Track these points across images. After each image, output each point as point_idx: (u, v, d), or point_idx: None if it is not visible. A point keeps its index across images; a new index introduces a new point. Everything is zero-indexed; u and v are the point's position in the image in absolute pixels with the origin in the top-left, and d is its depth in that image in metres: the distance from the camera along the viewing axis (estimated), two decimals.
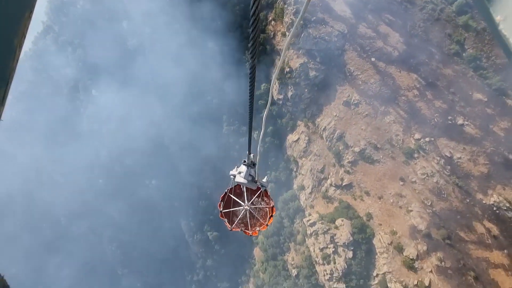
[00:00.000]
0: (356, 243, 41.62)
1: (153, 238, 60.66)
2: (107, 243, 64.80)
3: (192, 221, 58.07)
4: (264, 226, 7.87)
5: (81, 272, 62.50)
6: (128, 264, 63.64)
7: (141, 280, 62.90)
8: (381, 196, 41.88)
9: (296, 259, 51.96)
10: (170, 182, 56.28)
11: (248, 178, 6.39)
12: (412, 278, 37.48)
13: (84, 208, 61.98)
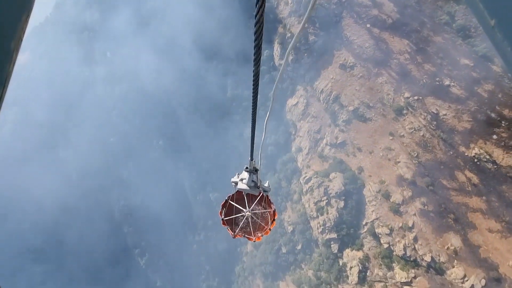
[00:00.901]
0: (347, 193, 44.86)
1: (158, 199, 64.16)
2: (114, 201, 68.47)
3: (195, 182, 61.62)
4: (267, 231, 7.75)
5: (89, 228, 66.16)
6: (133, 223, 67.20)
7: (145, 239, 66.46)
8: (372, 151, 45.14)
9: (292, 217, 55.25)
10: (176, 143, 59.68)
11: (250, 184, 6.39)
12: (397, 221, 40.72)
13: (95, 166, 65.77)
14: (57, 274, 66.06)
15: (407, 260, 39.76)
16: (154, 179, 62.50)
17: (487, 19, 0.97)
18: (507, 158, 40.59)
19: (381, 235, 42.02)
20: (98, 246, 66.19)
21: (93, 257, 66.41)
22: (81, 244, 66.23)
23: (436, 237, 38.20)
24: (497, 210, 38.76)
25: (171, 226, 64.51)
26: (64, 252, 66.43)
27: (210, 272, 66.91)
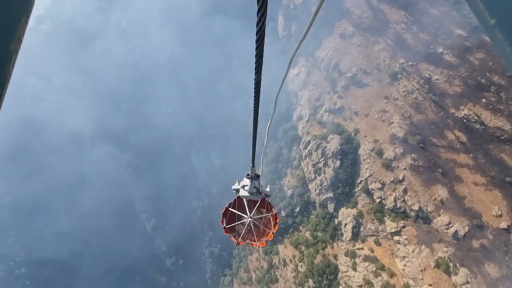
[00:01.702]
0: (343, 152, 47.73)
1: (165, 166, 67.59)
2: (124, 167, 72.10)
3: (201, 150, 64.83)
4: (270, 235, 7.65)
5: (100, 192, 69.81)
6: (141, 188, 70.72)
7: (151, 205, 69.91)
8: (367, 114, 47.96)
9: (291, 181, 58.27)
10: (184, 112, 63.00)
11: (253, 191, 6.36)
12: (389, 176, 43.52)
13: (106, 133, 69.37)
14: (70, 236, 70.02)
15: (397, 212, 42.53)
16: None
17: (488, 19, 0.99)
18: (494, 119, 43.12)
19: (374, 191, 44.82)
20: (107, 210, 69.88)
21: (102, 221, 70.15)
22: (92, 207, 70.00)
23: (424, 189, 40.88)
24: (483, 166, 41.34)
25: (177, 192, 67.95)
26: (75, 214, 70.26)
27: (213, 238, 70.24)
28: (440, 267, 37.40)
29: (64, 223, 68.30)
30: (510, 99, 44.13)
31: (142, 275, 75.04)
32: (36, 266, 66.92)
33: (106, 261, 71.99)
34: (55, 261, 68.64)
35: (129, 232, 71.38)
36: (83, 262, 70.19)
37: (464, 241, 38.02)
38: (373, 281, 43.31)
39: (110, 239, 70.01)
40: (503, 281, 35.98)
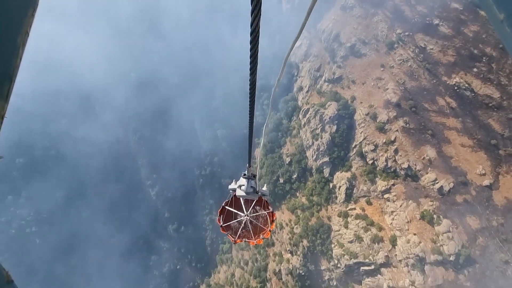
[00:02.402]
0: (340, 117, 50.29)
1: (169, 135, 70.48)
2: (131, 133, 75.18)
3: (205, 118, 67.59)
4: (267, 232, 7.75)
5: (107, 158, 73.05)
6: (147, 155, 73.81)
7: (156, 173, 73.07)
8: (364, 82, 50.38)
9: (290, 149, 61.01)
10: (189, 80, 65.50)
11: (249, 190, 6.46)
12: (381, 138, 46.10)
13: (115, 98, 72.44)
14: (77, 201, 73.56)
15: (388, 172, 45.18)
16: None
17: (496, 13, 0.98)
18: (484, 88, 45.48)
19: (367, 153, 47.46)
20: (114, 176, 73.09)
21: (107, 187, 73.48)
22: (98, 173, 73.32)
23: (414, 149, 43.47)
24: (470, 129, 43.82)
25: (181, 161, 70.99)
26: (81, 178, 73.63)
27: (214, 206, 73.42)
28: (425, 219, 40.17)
29: (71, 187, 71.70)
30: (501, 70, 46.44)
31: (145, 240, 78.66)
32: (45, 226, 70.62)
33: (110, 226, 75.58)
34: (63, 223, 72.30)
35: (133, 198, 74.77)
36: (89, 227, 73.80)
37: (448, 196, 40.68)
38: (363, 236, 46.24)
39: (115, 205, 73.40)
40: (482, 232, 38.78)
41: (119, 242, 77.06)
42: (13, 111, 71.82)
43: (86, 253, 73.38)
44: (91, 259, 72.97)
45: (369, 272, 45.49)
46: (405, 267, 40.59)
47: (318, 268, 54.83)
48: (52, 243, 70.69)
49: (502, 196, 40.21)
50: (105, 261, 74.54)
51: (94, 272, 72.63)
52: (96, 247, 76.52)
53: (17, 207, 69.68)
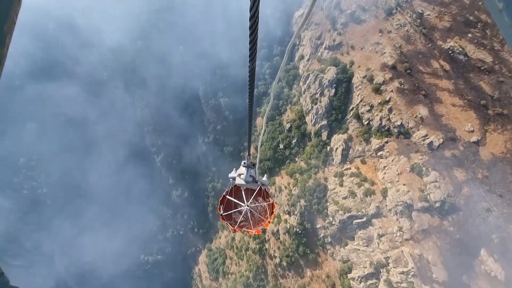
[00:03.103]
0: (338, 81, 52.52)
1: (175, 103, 73.06)
2: (138, 101, 77.87)
3: (209, 87, 69.94)
4: (266, 223, 7.81)
5: (115, 125, 75.97)
6: (153, 122, 76.61)
7: (161, 139, 75.90)
8: (363, 47, 52.38)
9: (290, 116, 63.49)
10: (195, 49, 67.57)
11: (249, 179, 6.42)
12: (377, 99, 48.41)
13: (121, 68, 74.83)
14: (84, 165, 76.86)
15: (382, 130, 47.65)
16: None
17: (495, 3, 0.97)
18: (477, 52, 47.46)
19: (363, 114, 49.85)
20: (121, 142, 76.07)
21: (114, 154, 76.57)
22: (106, 140, 76.39)
23: (407, 108, 45.81)
24: (462, 91, 46.02)
25: (185, 128, 73.77)
26: (89, 144, 76.88)
27: (216, 173, 76.51)
28: (414, 171, 42.84)
29: (79, 152, 74.85)
30: (495, 36, 48.32)
31: (150, 206, 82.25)
32: (55, 188, 74.07)
33: (116, 191, 79.08)
34: (71, 185, 75.80)
35: (139, 165, 77.97)
36: (95, 189, 77.29)
37: (437, 151, 43.20)
38: (356, 191, 49.12)
39: (121, 170, 76.64)
40: (468, 183, 41.41)
41: (123, 206, 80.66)
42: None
43: (90, 212, 77.37)
44: (95, 218, 76.93)
45: (361, 224, 48.52)
46: (394, 216, 43.51)
47: (314, 227, 58.01)
48: (61, 205, 74.46)
49: (488, 152, 42.69)
50: (109, 221, 78.45)
51: (100, 229, 76.68)
52: (101, 208, 79.99)
53: (28, 169, 73.17)
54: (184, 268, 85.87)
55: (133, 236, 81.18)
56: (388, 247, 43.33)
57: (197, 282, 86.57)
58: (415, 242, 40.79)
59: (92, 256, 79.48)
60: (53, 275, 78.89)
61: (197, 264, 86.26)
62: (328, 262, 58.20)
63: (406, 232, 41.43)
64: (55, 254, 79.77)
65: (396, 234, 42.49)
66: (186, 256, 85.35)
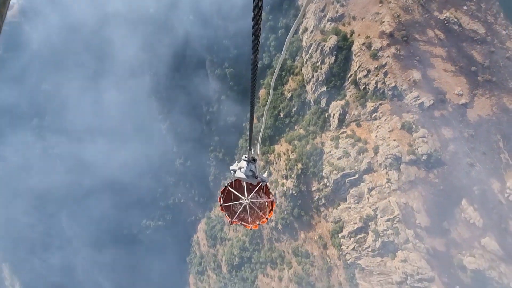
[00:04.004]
0: (339, 48, 55.31)
1: (182, 73, 76.19)
2: (147, 69, 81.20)
3: (215, 57, 72.95)
4: (264, 219, 7.82)
5: (124, 92, 79.48)
6: (160, 91, 79.79)
7: (167, 107, 79.08)
8: (363, 17, 55.11)
9: (292, 85, 66.44)
10: (202, 20, 70.52)
11: (248, 174, 6.53)
12: (374, 64, 51.21)
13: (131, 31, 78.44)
14: (92, 128, 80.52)
15: (377, 93, 50.50)
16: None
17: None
18: (471, 23, 50.16)
19: (361, 79, 52.70)
20: (128, 109, 79.72)
21: (122, 121, 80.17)
22: (115, 106, 79.97)
23: (402, 72, 48.62)
24: (454, 58, 48.76)
25: (190, 97, 77.01)
26: (99, 110, 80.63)
27: (218, 143, 79.74)
28: (405, 128, 45.75)
29: (88, 117, 78.62)
30: (489, 9, 51.03)
31: (153, 173, 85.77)
32: (65, 147, 78.01)
33: (123, 156, 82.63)
34: (80, 149, 79.60)
35: (145, 132, 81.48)
36: (102, 154, 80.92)
37: (427, 111, 46.03)
38: (350, 151, 52.09)
39: (128, 137, 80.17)
40: (454, 141, 44.29)
41: (128, 173, 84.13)
42: None
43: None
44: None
45: (353, 182, 51.53)
46: (384, 170, 46.49)
47: (309, 190, 61.06)
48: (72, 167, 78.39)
49: (475, 114, 45.52)
50: (114, 185, 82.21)
51: (105, 193, 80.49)
52: (106, 174, 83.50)
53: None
54: (184, 236, 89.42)
55: (136, 201, 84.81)
56: (377, 199, 46.34)
57: (195, 250, 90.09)
58: (401, 192, 43.77)
59: (98, 217, 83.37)
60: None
61: (196, 232, 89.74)
62: (321, 224, 61.34)
63: (394, 183, 44.40)
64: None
65: (384, 186, 45.46)
66: (186, 224, 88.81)
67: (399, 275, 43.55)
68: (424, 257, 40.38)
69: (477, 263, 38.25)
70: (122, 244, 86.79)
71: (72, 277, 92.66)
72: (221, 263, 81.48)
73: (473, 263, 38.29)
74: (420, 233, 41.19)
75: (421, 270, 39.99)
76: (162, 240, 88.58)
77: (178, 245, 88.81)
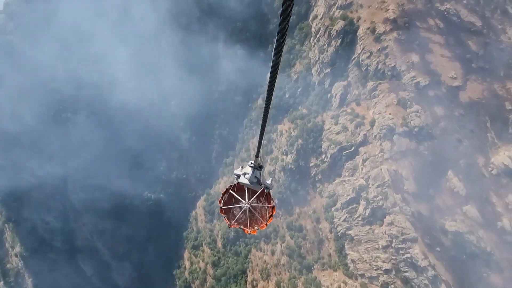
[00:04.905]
0: (345, 32, 59.20)
1: (195, 50, 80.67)
2: (159, 45, 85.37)
3: (228, 40, 77.09)
4: (263, 225, 7.66)
5: (136, 64, 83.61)
6: (172, 66, 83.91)
7: (178, 84, 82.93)
8: (370, 5, 59.21)
9: (299, 68, 70.32)
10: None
11: (253, 180, 6.54)
12: (376, 46, 55.01)
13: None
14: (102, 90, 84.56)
15: (378, 74, 54.15)
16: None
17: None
18: (469, 16, 54.00)
19: (363, 60, 56.46)
20: (139, 83, 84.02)
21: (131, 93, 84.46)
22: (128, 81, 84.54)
23: (401, 54, 52.32)
24: (451, 45, 52.49)
25: (201, 74, 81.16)
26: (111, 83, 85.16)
27: (223, 121, 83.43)
28: (400, 104, 49.22)
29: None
30: (487, 5, 54.89)
31: (159, 147, 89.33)
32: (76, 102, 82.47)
33: (132, 127, 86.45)
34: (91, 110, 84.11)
35: (155, 107, 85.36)
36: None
37: (422, 90, 49.54)
38: (348, 126, 55.54)
39: (140, 107, 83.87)
40: (445, 118, 47.69)
41: (135, 144, 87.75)
42: None
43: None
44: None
45: (349, 155, 54.79)
46: (378, 141, 49.78)
47: (307, 165, 64.22)
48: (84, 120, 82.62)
49: (467, 96, 48.96)
50: (119, 156, 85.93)
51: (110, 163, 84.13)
52: (115, 136, 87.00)
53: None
54: (183, 211, 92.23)
55: (140, 172, 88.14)
56: (370, 168, 49.52)
57: (193, 225, 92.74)
58: (393, 161, 46.98)
59: (102, 185, 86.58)
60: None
61: (195, 208, 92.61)
62: (316, 200, 64.27)
63: (387, 152, 47.64)
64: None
65: (378, 155, 48.71)
66: (186, 199, 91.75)
67: (385, 239, 46.43)
68: (409, 220, 43.33)
69: (458, 226, 41.18)
70: (123, 213, 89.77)
71: (72, 243, 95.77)
72: (217, 238, 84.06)
73: (454, 226, 41.22)
74: (407, 198, 44.22)
75: (406, 230, 42.92)
76: (162, 213, 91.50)
77: (176, 220, 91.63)
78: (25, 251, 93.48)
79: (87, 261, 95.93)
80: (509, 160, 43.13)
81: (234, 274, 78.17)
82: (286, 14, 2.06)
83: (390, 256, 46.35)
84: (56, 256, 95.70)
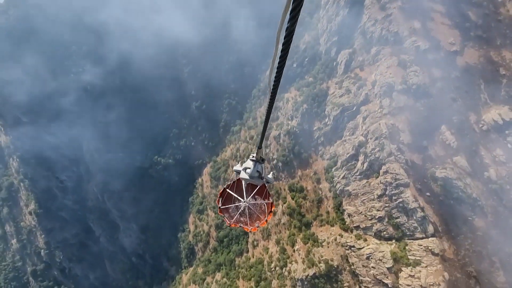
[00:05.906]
0: (353, 2, 62.79)
1: (209, 22, 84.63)
2: (177, 16, 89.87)
3: (241, 12, 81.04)
4: (263, 222, 7.74)
5: (152, 34, 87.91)
6: (186, 37, 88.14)
7: (192, 52, 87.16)
8: None
9: (307, 39, 73.97)
10: None
11: (254, 175, 6.43)
12: (381, 14, 58.48)
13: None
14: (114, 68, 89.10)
15: (381, 40, 57.68)
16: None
17: None
18: None
19: (368, 28, 59.98)
20: (156, 53, 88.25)
21: (146, 63, 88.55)
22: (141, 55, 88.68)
23: (404, 21, 55.78)
24: (452, 15, 55.79)
25: (212, 44, 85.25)
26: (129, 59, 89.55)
27: (233, 91, 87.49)
28: (400, 65, 52.79)
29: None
30: None
31: (170, 114, 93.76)
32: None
33: (142, 94, 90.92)
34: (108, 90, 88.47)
35: (168, 75, 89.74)
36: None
37: (423, 55, 53.00)
38: (351, 88, 59.27)
39: (152, 75, 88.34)
40: (442, 80, 51.13)
41: (145, 111, 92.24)
42: None
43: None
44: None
45: (350, 115, 58.55)
46: (378, 100, 53.51)
47: (311, 129, 68.07)
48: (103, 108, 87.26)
49: (464, 61, 52.38)
50: (128, 124, 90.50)
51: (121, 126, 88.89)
52: (124, 110, 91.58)
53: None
54: (189, 177, 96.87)
55: (152, 137, 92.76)
56: (369, 124, 53.27)
57: (198, 191, 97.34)
58: (391, 116, 50.69)
59: (116, 147, 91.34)
60: None
61: (201, 175, 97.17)
62: (317, 162, 68.18)
63: (386, 108, 51.36)
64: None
65: (377, 111, 52.44)
66: (193, 166, 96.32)
67: (381, 188, 50.29)
68: (403, 167, 47.16)
69: (447, 173, 44.94)
70: (132, 176, 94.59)
71: (83, 203, 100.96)
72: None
73: (444, 173, 44.98)
74: (402, 148, 48.00)
75: (399, 176, 46.77)
76: (170, 178, 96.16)
77: (183, 185, 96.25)
78: (39, 208, 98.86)
79: (96, 221, 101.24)
80: (499, 117, 46.66)
81: (236, 235, 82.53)
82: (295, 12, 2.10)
83: (384, 204, 50.20)
84: (67, 214, 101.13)
